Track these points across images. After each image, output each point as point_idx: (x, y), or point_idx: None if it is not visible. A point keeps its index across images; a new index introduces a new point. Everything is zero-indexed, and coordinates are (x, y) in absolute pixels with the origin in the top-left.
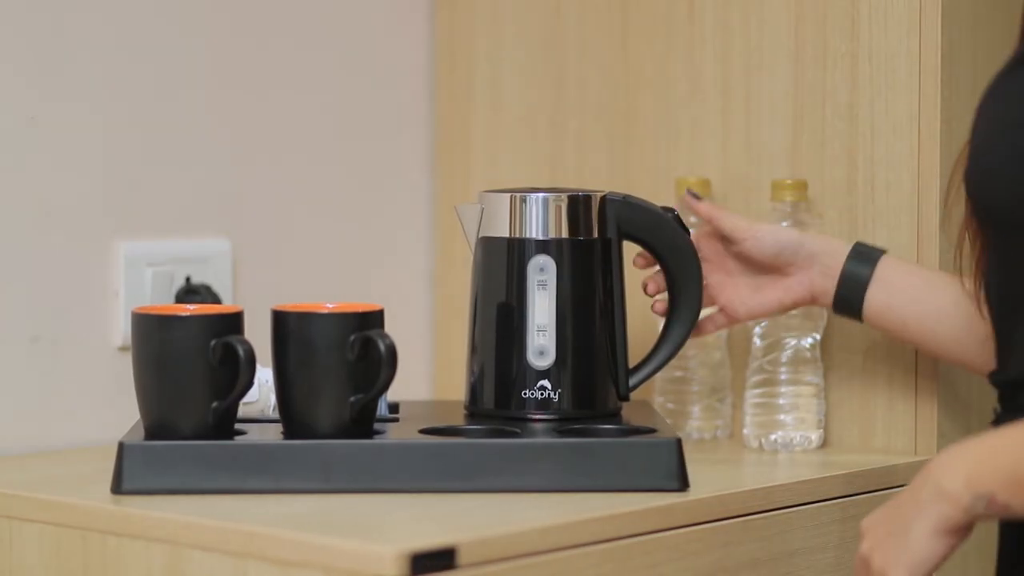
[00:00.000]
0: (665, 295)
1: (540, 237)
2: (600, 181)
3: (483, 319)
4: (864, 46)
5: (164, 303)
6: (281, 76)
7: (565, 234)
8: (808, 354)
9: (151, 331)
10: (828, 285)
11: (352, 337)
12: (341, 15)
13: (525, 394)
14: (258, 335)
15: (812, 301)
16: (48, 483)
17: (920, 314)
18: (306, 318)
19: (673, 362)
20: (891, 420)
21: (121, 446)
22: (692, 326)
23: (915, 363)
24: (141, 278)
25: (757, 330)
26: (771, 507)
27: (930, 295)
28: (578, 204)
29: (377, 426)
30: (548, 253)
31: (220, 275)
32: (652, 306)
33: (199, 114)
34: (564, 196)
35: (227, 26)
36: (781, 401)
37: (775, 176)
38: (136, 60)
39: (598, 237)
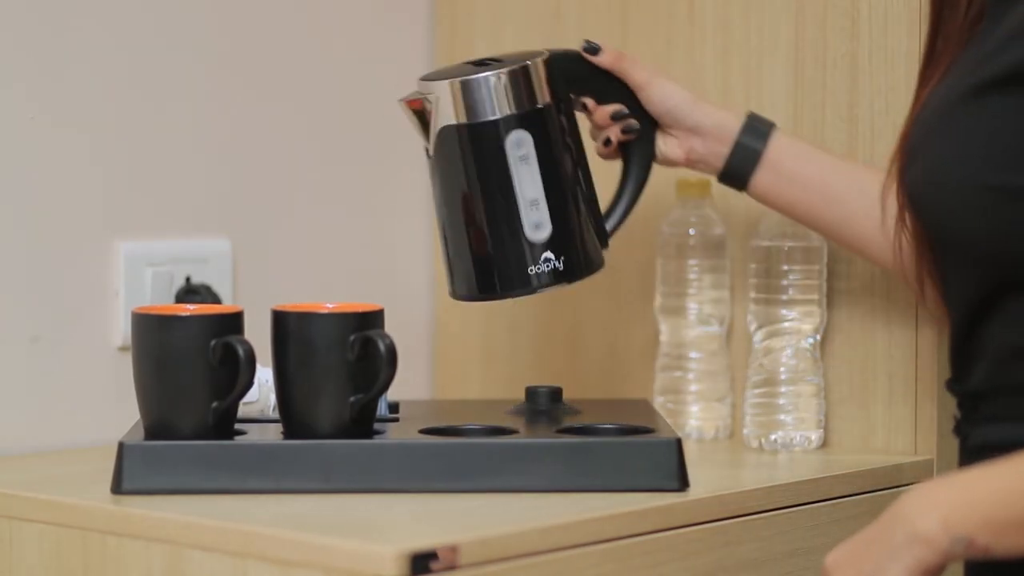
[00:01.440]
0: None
1: (507, 113)
2: (600, 180)
3: (461, 212)
4: (864, 46)
5: (164, 303)
6: (281, 76)
7: (527, 105)
8: (808, 354)
9: (151, 331)
10: (707, 155)
11: (352, 337)
12: (341, 15)
13: (532, 270)
14: (258, 335)
15: (688, 165)
16: (48, 483)
17: (804, 199)
18: (306, 318)
19: (673, 362)
20: (891, 420)
21: (121, 446)
22: (651, 162)
23: (915, 363)
24: (141, 278)
25: (757, 330)
26: (771, 507)
27: (820, 179)
28: (528, 72)
29: (377, 426)
30: (522, 127)
31: (220, 275)
32: (599, 148)
33: (199, 114)
34: (508, 68)
35: (227, 26)
36: (781, 401)
37: None
38: (136, 60)
39: (552, 100)
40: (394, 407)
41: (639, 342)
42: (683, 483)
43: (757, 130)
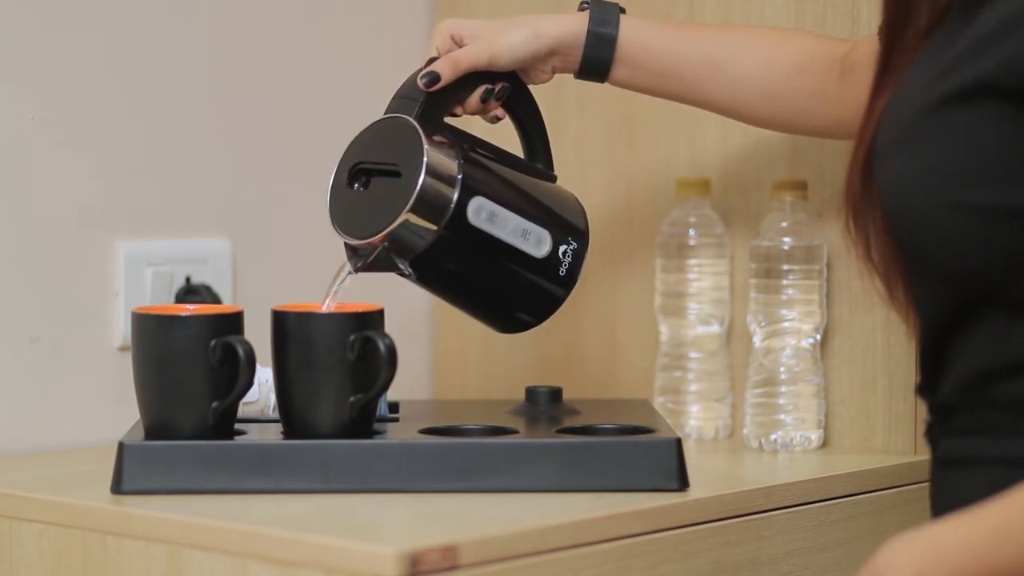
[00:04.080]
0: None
1: (453, 200)
2: (600, 181)
3: (482, 292)
4: None
5: (164, 303)
6: (281, 77)
7: (456, 180)
8: (808, 354)
9: (151, 331)
10: (568, 65)
11: (352, 337)
12: (341, 17)
13: (562, 270)
14: (258, 335)
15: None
16: (48, 483)
17: (664, 87)
18: (306, 318)
19: (673, 362)
20: (891, 420)
21: (121, 446)
22: (533, 99)
23: (915, 363)
24: (141, 278)
25: (757, 330)
26: (771, 507)
27: (676, 69)
28: (432, 161)
29: (377, 426)
30: (470, 198)
31: (220, 275)
32: (490, 122)
33: (199, 114)
34: (423, 173)
35: (227, 26)
36: (781, 401)
37: (775, 176)
38: (136, 60)
39: (457, 153)
40: (394, 407)
41: (639, 342)
42: (683, 483)
43: (603, 22)
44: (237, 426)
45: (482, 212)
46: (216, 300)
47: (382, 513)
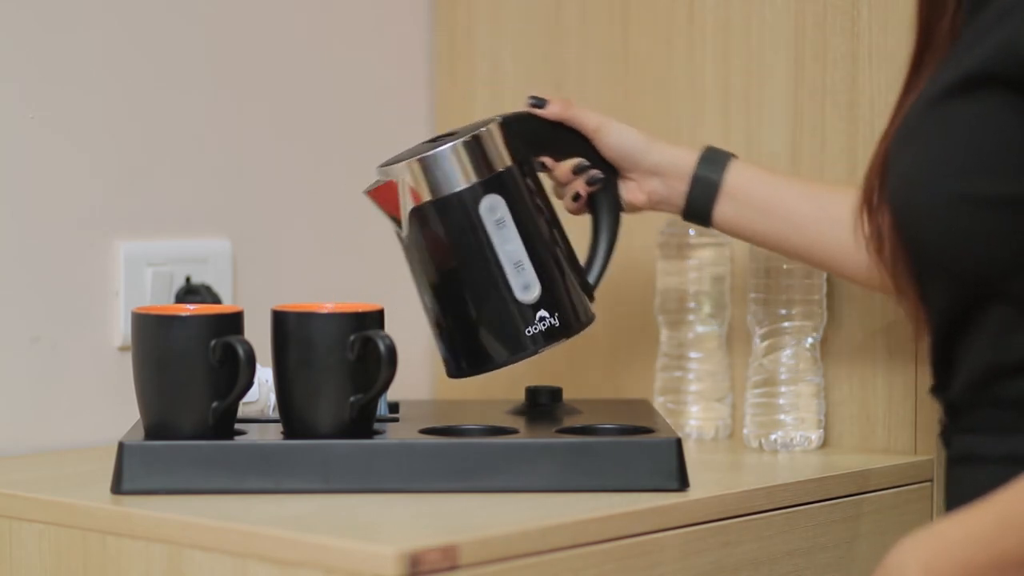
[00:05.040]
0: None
1: (474, 181)
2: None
3: (447, 289)
4: (864, 46)
5: (164, 303)
6: (281, 77)
7: (492, 170)
8: (808, 354)
9: (151, 331)
10: (668, 194)
11: (352, 337)
12: (341, 16)
13: (529, 331)
14: (258, 335)
15: (652, 207)
16: (48, 483)
17: (769, 227)
18: (306, 318)
19: (673, 362)
20: (891, 420)
21: (121, 446)
22: (619, 211)
23: (915, 363)
24: (141, 278)
25: (757, 330)
26: (771, 507)
27: (783, 206)
28: (484, 139)
29: (377, 426)
30: (492, 192)
31: (220, 275)
32: (568, 204)
33: (199, 114)
34: (463, 139)
35: (227, 26)
36: (781, 401)
37: None
38: (136, 60)
39: (513, 162)
40: (394, 407)
41: (639, 342)
42: (683, 483)
43: (714, 161)
44: (237, 426)
45: (496, 212)
46: (216, 300)
47: (382, 513)
